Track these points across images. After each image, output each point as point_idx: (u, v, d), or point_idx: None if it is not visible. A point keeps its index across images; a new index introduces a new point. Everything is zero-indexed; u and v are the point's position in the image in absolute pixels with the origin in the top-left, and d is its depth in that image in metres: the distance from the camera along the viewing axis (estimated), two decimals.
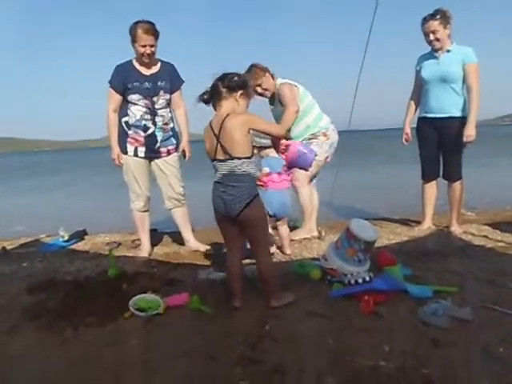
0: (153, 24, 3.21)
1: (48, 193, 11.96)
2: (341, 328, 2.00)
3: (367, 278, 2.39)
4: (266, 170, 3.10)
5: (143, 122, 3.38)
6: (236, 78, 2.23)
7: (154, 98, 3.36)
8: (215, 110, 2.28)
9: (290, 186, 3.30)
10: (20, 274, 3.15)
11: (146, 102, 3.35)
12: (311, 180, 3.88)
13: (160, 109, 3.40)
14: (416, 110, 3.96)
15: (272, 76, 3.67)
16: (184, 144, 3.59)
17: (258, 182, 2.63)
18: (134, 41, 3.21)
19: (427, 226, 3.98)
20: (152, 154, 3.46)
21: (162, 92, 3.38)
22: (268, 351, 1.82)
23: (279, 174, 3.14)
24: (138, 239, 3.74)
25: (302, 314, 2.16)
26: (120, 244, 4.07)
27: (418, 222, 4.11)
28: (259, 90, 3.63)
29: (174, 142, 3.55)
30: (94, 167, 21.41)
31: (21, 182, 15.54)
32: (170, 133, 3.52)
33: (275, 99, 3.73)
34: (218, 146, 2.17)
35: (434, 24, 3.54)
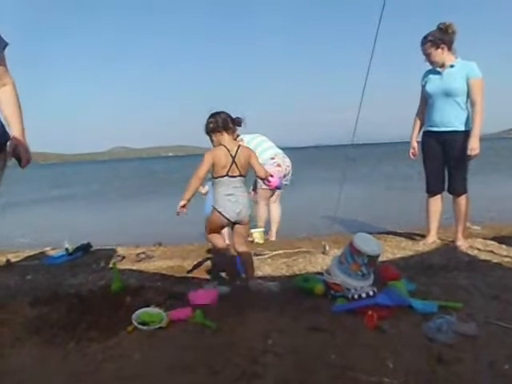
0: None
1: (53, 205, 12.03)
2: (344, 343, 1.97)
3: (371, 293, 2.37)
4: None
5: None
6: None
7: None
8: (217, 136, 2.83)
9: None
10: (24, 287, 3.16)
11: None
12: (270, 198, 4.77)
13: None
14: (422, 124, 3.98)
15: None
16: (15, 140, 2.19)
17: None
18: None
19: (432, 240, 3.96)
20: None
21: None
22: (270, 366, 1.80)
23: None
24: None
25: (305, 329, 2.14)
26: (124, 257, 4.08)
27: (423, 236, 4.10)
28: None
29: None
30: (99, 181, 21.51)
31: (26, 195, 15.63)
32: None
33: None
34: (234, 165, 2.77)
35: (426, 47, 3.68)
